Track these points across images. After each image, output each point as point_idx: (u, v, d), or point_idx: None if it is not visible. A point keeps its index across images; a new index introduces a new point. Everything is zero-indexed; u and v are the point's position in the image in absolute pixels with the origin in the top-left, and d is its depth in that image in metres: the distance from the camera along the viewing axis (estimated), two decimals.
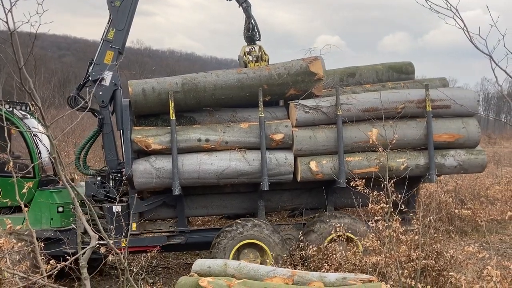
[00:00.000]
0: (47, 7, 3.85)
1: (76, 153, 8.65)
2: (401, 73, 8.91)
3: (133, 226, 7.88)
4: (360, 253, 6.74)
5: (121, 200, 8.28)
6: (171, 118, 7.44)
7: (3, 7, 3.85)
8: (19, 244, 5.20)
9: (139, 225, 7.96)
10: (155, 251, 7.17)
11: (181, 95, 7.58)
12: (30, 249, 6.62)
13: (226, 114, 8.06)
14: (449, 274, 5.05)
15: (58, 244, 7.49)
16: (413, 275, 5.24)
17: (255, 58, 8.90)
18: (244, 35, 9.08)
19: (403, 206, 5.92)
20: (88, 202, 5.01)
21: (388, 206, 5.48)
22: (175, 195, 7.54)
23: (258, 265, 5.63)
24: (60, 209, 7.84)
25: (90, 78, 8.24)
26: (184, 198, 8.02)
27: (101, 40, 8.46)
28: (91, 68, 8.29)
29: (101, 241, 5.54)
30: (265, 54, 8.94)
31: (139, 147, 7.51)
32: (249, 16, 8.97)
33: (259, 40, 9.08)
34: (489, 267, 3.93)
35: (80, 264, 4.42)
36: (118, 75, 8.34)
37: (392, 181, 5.68)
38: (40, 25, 3.90)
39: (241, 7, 8.95)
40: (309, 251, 7.19)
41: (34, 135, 8.00)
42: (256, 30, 9.02)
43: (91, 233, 4.40)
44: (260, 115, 7.58)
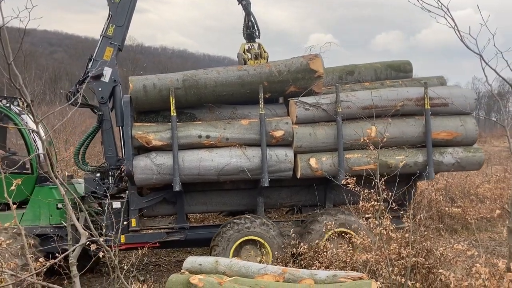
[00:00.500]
0: (37, 3, 3.78)
1: (75, 150, 8.60)
2: (399, 71, 9.00)
3: (133, 222, 7.87)
4: (357, 249, 6.78)
5: (120, 197, 8.28)
6: (172, 114, 7.44)
7: None
8: (7, 241, 5.16)
9: (139, 221, 7.93)
10: (146, 248, 7.14)
11: (182, 91, 7.58)
12: (21, 246, 6.62)
13: (227, 111, 8.07)
14: (439, 271, 5.10)
15: (58, 241, 7.43)
16: (403, 273, 5.28)
17: (254, 56, 8.93)
18: (243, 32, 9.10)
19: (395, 204, 5.95)
20: (78, 200, 4.92)
21: (379, 204, 5.53)
22: (174, 191, 7.53)
23: (249, 262, 5.62)
24: (59, 206, 7.80)
25: (89, 74, 8.21)
26: (184, 195, 8.02)
27: (100, 36, 8.44)
28: (90, 64, 8.27)
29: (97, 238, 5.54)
30: (264, 52, 8.97)
31: (140, 143, 7.49)
32: (248, 14, 9.00)
33: (258, 37, 9.10)
34: (477, 265, 3.98)
35: (70, 261, 4.35)
36: (118, 71, 8.33)
37: (383, 179, 5.74)
38: (29, 20, 3.83)
39: (240, 5, 8.98)
40: (300, 248, 7.22)
41: (32, 131, 7.94)
42: (255, 28, 9.04)
43: (80, 230, 4.35)
44: (260, 112, 7.60)
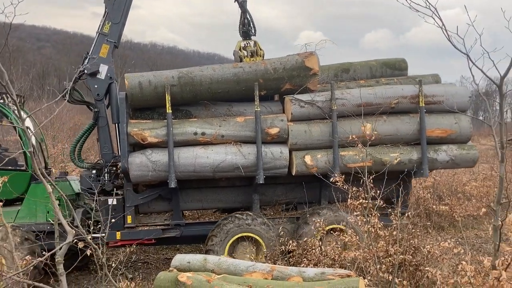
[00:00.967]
0: None
1: (71, 147, 8.64)
2: (395, 69, 9.02)
3: (129, 219, 7.92)
4: (351, 246, 6.82)
5: (116, 194, 8.31)
6: (167, 111, 7.47)
7: None
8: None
9: (135, 218, 7.98)
10: (134, 246, 7.14)
11: (178, 88, 7.60)
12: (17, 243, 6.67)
13: (222, 108, 8.10)
14: (426, 269, 5.14)
15: (54, 237, 7.48)
16: (390, 270, 5.31)
17: (250, 53, 8.97)
18: (239, 30, 9.13)
19: (389, 201, 6.00)
20: (65, 198, 4.90)
21: (367, 201, 5.56)
22: (170, 188, 7.57)
23: (238, 260, 5.64)
24: (57, 202, 7.81)
25: (85, 71, 8.25)
26: (180, 192, 8.06)
27: (96, 33, 8.46)
28: (86, 61, 8.30)
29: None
30: (260, 49, 9.00)
31: (135, 140, 7.52)
32: (244, 11, 9.03)
33: (254, 35, 9.15)
34: (463, 262, 4.01)
35: (57, 260, 4.32)
36: (114, 68, 8.36)
37: (371, 176, 5.79)
38: (15, 16, 3.78)
39: (236, 2, 9.00)
40: (289, 246, 7.25)
41: (27, 127, 7.94)
42: (251, 25, 9.08)
43: (67, 228, 4.32)
44: (256, 109, 7.63)
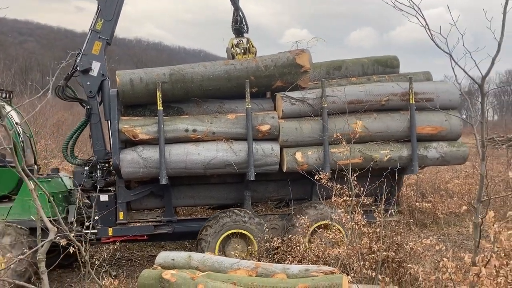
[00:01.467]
0: None
1: (63, 143, 8.67)
2: (386, 66, 9.05)
3: (121, 215, 7.97)
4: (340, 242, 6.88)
5: (108, 190, 8.36)
6: (158, 108, 7.51)
7: None
8: None
9: (127, 214, 8.03)
10: (118, 243, 7.12)
11: (169, 85, 7.64)
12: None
13: (214, 105, 8.14)
14: (408, 265, 5.19)
15: (47, 234, 7.51)
16: (374, 267, 5.36)
17: (243, 50, 9.00)
18: (232, 27, 9.16)
19: (373, 199, 6.04)
20: (49, 196, 4.91)
21: (351, 199, 5.61)
22: (162, 185, 7.62)
23: (222, 257, 5.69)
24: (51, 199, 7.83)
25: (78, 68, 8.27)
26: (172, 189, 8.11)
27: (89, 30, 8.48)
28: (79, 58, 8.32)
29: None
30: (252, 47, 9.04)
31: (127, 137, 7.57)
32: (237, 9, 9.05)
33: (246, 32, 9.18)
34: (445, 259, 4.06)
35: (38, 258, 4.32)
36: (106, 65, 8.39)
37: (355, 175, 5.84)
38: None
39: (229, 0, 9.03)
40: (274, 243, 7.29)
41: (16, 123, 7.95)
42: (244, 23, 9.11)
43: (49, 225, 4.32)
44: (247, 106, 7.67)
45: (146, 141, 7.60)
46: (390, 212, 5.83)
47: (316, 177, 6.31)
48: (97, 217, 6.76)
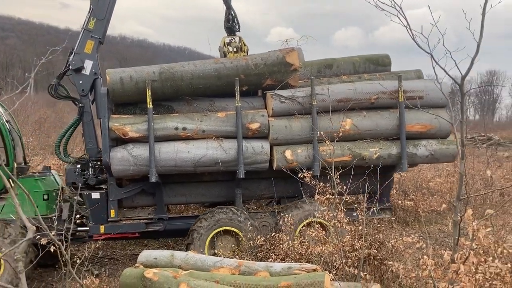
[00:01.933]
0: None
1: (56, 141, 8.73)
2: (378, 65, 9.08)
3: (112, 212, 8.02)
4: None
5: (100, 188, 8.42)
6: (148, 106, 7.55)
7: None
8: None
9: (118, 212, 8.08)
10: (100, 242, 7.10)
11: (159, 84, 7.68)
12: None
13: (204, 104, 8.17)
14: (389, 263, 5.23)
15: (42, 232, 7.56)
16: (356, 264, 5.41)
17: (235, 49, 9.02)
18: (224, 26, 9.19)
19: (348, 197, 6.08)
20: (27, 193, 4.90)
21: (334, 197, 5.65)
22: (153, 182, 7.66)
23: (205, 256, 5.70)
24: (45, 197, 7.89)
25: (70, 67, 8.33)
26: (163, 186, 8.16)
27: (81, 29, 8.53)
28: (71, 57, 8.37)
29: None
30: (244, 45, 9.06)
31: (117, 135, 7.61)
32: (229, 7, 9.08)
33: (238, 31, 9.20)
34: (425, 257, 4.11)
35: (15, 257, 4.31)
36: (98, 64, 8.44)
37: (338, 173, 5.88)
38: None
39: None
40: (258, 241, 7.31)
41: (7, 121, 7.99)
42: (236, 21, 9.13)
43: (27, 224, 4.32)
44: (236, 105, 7.70)
45: (136, 139, 7.65)
46: (372, 210, 5.85)
47: (299, 175, 6.34)
48: (78, 215, 6.78)
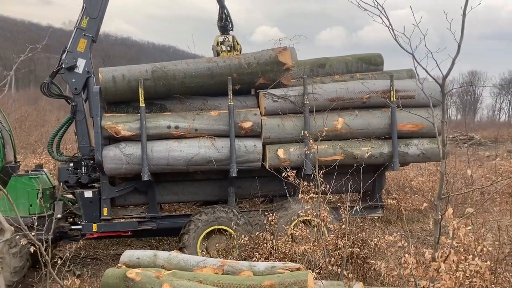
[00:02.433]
0: None
1: (49, 140, 8.75)
2: (370, 64, 9.11)
3: (105, 211, 8.05)
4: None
5: (92, 186, 8.44)
6: (140, 105, 7.56)
7: None
8: None
9: (111, 210, 8.10)
10: (82, 242, 7.07)
11: (151, 82, 7.70)
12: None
13: (197, 102, 8.20)
14: (372, 261, 5.27)
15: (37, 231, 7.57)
16: (339, 263, 5.44)
17: (228, 48, 9.05)
18: (217, 25, 9.22)
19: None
20: (5, 192, 4.89)
21: (317, 196, 5.68)
22: (146, 181, 7.69)
23: (188, 255, 5.67)
24: (40, 195, 7.89)
25: (63, 66, 8.34)
26: (156, 185, 8.18)
27: (74, 28, 8.55)
28: (64, 55, 8.38)
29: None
30: (237, 44, 9.09)
31: (109, 133, 7.63)
32: (222, 6, 9.11)
33: (232, 30, 9.23)
34: (406, 255, 4.15)
35: None
36: (91, 62, 8.46)
37: (322, 172, 5.93)
38: None
39: None
40: (241, 240, 7.36)
41: None
42: (229, 20, 9.16)
43: (5, 225, 4.33)
44: (229, 103, 7.73)
45: (128, 138, 7.67)
46: (355, 208, 5.88)
47: (283, 174, 6.37)
48: (59, 215, 6.78)
